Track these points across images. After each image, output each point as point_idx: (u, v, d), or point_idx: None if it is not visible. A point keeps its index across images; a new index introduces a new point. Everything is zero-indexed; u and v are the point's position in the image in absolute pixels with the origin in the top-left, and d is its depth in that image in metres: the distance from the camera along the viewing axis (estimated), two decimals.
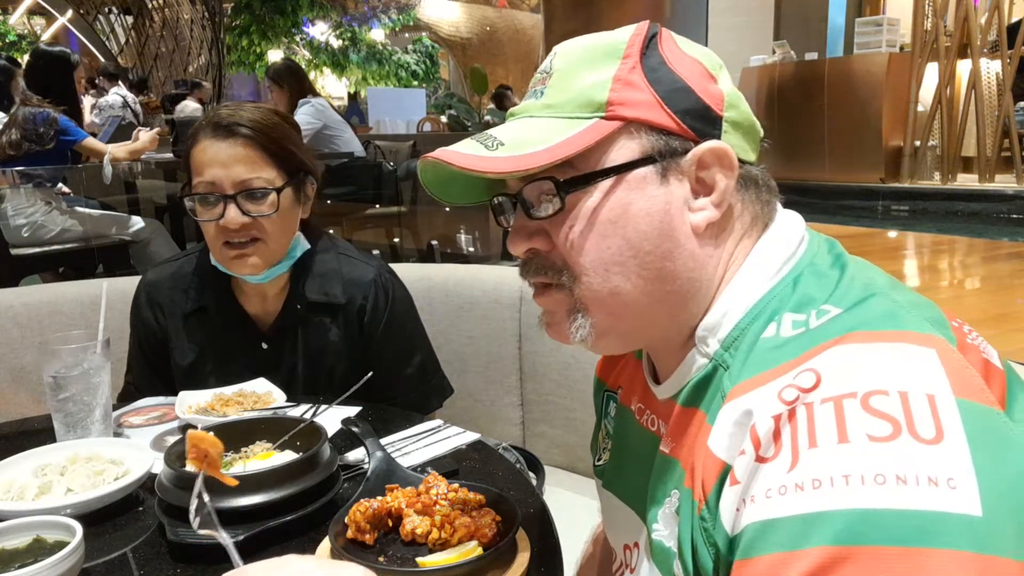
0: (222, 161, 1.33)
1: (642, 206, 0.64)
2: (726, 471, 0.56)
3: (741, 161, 0.67)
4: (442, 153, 0.65)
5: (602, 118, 0.65)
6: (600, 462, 0.88)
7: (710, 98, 0.66)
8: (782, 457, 0.51)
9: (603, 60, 0.67)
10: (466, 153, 0.65)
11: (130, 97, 8.45)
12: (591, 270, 0.66)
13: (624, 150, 0.65)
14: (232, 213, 1.33)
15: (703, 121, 0.66)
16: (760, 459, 0.52)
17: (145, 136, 4.20)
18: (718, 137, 0.66)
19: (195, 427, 1.11)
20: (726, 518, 0.54)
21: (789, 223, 0.69)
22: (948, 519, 0.45)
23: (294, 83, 4.74)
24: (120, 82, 9.01)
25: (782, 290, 0.64)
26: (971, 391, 0.51)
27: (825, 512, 0.47)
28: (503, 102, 9.89)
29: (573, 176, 0.65)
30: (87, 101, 8.14)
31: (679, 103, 0.65)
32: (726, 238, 0.68)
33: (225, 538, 0.60)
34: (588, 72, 0.67)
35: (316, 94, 4.86)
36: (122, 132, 4.73)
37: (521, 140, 0.65)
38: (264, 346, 1.46)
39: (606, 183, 0.65)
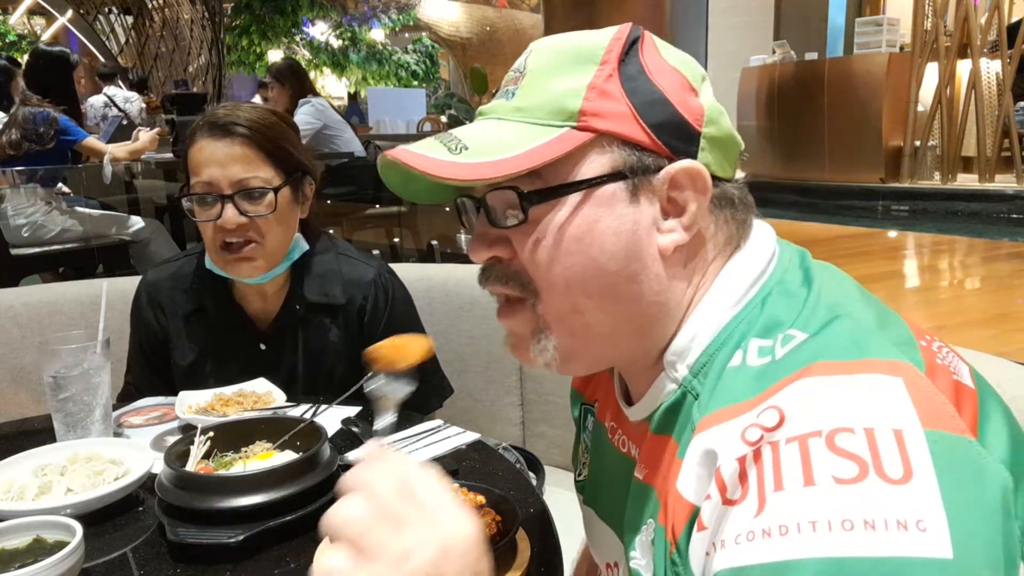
0: (219, 160, 1.33)
1: (609, 224, 0.62)
2: (695, 514, 0.54)
3: (717, 179, 0.64)
4: (402, 153, 0.62)
5: (573, 128, 0.62)
6: (580, 477, 0.87)
7: (689, 112, 0.63)
8: (749, 500, 0.50)
9: (579, 65, 0.64)
10: (427, 156, 0.62)
11: (121, 96, 8.39)
12: (553, 287, 0.63)
13: (594, 164, 0.62)
14: (229, 213, 1.33)
15: (679, 137, 0.63)
16: (727, 502, 0.51)
17: (145, 136, 4.20)
18: (694, 155, 0.63)
19: (195, 427, 1.11)
20: (695, 564, 0.53)
21: (761, 239, 0.67)
22: (918, 564, 0.44)
23: (295, 82, 4.74)
24: (116, 82, 8.97)
25: (750, 313, 0.62)
26: (940, 420, 0.49)
27: (793, 561, 0.46)
28: None
29: (539, 188, 0.62)
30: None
31: (655, 117, 0.62)
32: (697, 260, 0.65)
33: (387, 419, 0.61)
34: (563, 76, 0.63)
35: (316, 94, 4.87)
36: (122, 132, 4.73)
37: (486, 145, 0.62)
38: (263, 346, 1.46)
39: (573, 198, 0.62)
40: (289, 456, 1.04)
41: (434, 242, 4.77)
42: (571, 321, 0.64)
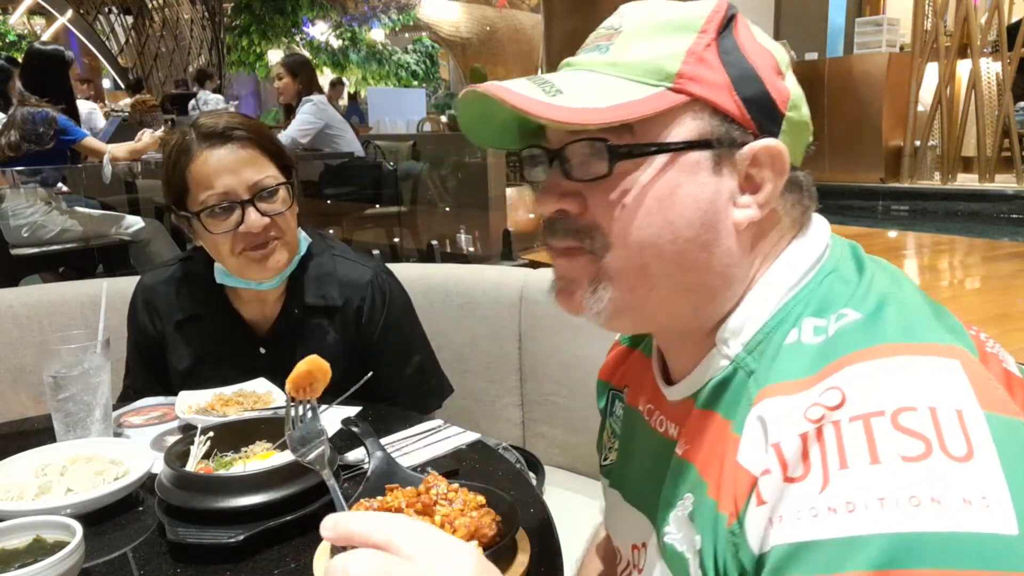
0: (229, 168, 1.32)
1: (691, 191, 0.62)
2: (755, 486, 0.55)
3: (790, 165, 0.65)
4: (495, 88, 0.61)
5: (669, 88, 0.62)
6: (607, 462, 0.87)
7: (777, 93, 0.64)
8: (812, 478, 0.51)
9: (678, 30, 0.64)
10: (522, 93, 0.61)
11: (203, 97, 8.59)
12: (627, 245, 0.63)
13: (684, 128, 0.62)
14: (253, 217, 1.32)
15: (766, 116, 0.64)
16: (788, 479, 0.52)
17: (148, 137, 4.19)
18: (776, 135, 0.64)
19: (195, 427, 1.11)
20: (752, 537, 0.54)
21: (818, 229, 0.68)
22: (984, 540, 0.45)
23: (305, 78, 4.76)
24: (206, 85, 9.23)
25: (806, 295, 0.63)
26: (997, 403, 0.50)
27: (860, 536, 0.47)
28: None
29: (628, 144, 0.62)
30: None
31: (747, 91, 0.63)
32: (764, 240, 0.66)
33: (329, 478, 0.62)
34: (661, 39, 0.64)
35: (321, 92, 4.87)
36: (122, 132, 4.73)
37: (582, 92, 0.62)
38: (262, 351, 1.46)
39: (660, 159, 0.62)
40: (289, 456, 1.04)
41: (434, 242, 4.77)
42: (636, 280, 0.64)
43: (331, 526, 0.53)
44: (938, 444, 0.48)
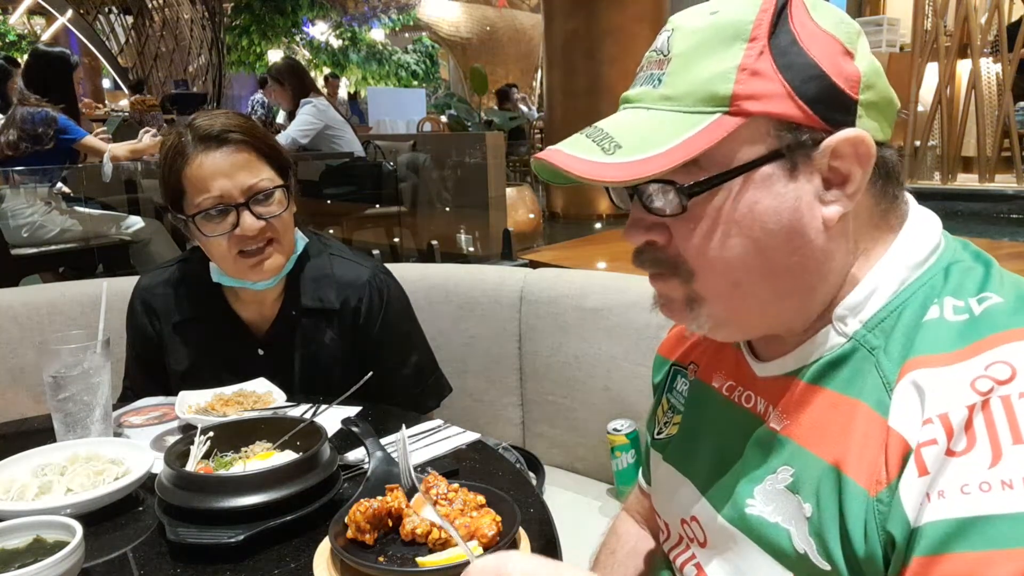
0: (225, 171, 1.31)
1: (769, 205, 0.61)
2: (909, 453, 0.54)
3: (877, 143, 0.63)
4: (554, 156, 0.63)
5: (726, 113, 0.61)
6: (661, 436, 0.87)
7: (845, 81, 0.62)
8: (979, 451, 0.51)
9: (727, 43, 0.61)
10: (582, 158, 0.62)
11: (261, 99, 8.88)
12: (711, 270, 0.64)
13: (750, 148, 0.61)
14: (248, 220, 1.32)
15: (836, 108, 0.62)
16: (950, 452, 0.52)
17: (148, 139, 4.18)
18: (852, 123, 0.62)
19: (195, 427, 1.11)
20: (909, 507, 0.53)
21: (929, 217, 0.68)
22: None
23: (295, 82, 4.75)
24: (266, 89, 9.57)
25: (933, 277, 0.63)
26: None
27: None
28: (505, 102, 9.96)
29: (697, 180, 0.61)
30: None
31: (810, 91, 0.61)
32: (858, 225, 0.65)
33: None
34: (710, 59, 0.62)
35: (319, 93, 4.86)
36: (122, 132, 4.72)
37: (638, 140, 0.62)
38: (260, 352, 1.46)
39: (732, 183, 0.61)
40: (289, 456, 1.04)
41: (434, 242, 4.77)
42: (729, 296, 0.65)
43: None
44: None
